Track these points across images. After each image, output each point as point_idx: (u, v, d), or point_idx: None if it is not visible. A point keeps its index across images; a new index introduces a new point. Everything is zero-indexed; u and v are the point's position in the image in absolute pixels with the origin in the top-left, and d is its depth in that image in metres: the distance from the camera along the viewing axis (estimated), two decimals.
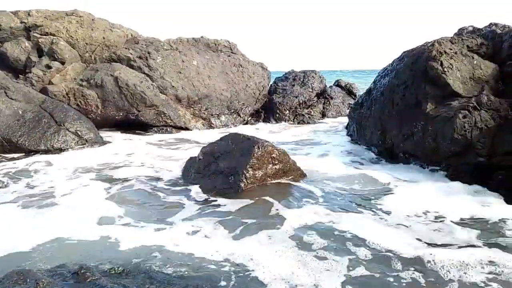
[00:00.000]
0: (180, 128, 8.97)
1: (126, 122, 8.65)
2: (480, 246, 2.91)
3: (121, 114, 8.44)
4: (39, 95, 7.29)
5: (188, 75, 9.41)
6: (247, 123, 10.29)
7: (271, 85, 11.55)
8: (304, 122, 10.31)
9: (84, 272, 2.13)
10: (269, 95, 11.11)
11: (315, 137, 7.93)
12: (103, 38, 9.03)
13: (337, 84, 12.40)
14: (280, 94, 10.90)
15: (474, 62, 4.99)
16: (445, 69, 4.85)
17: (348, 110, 9.30)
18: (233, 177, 4.28)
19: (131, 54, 9.00)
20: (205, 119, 9.55)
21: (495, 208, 3.66)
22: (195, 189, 4.38)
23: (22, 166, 5.55)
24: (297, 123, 10.32)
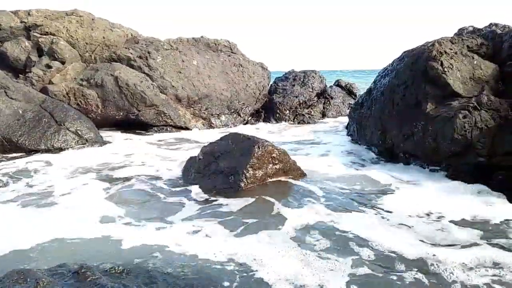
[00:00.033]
0: (180, 128, 8.98)
1: (126, 122, 8.66)
2: (483, 247, 2.90)
3: (121, 114, 8.45)
4: (39, 95, 7.29)
5: (188, 75, 9.41)
6: (247, 123, 10.29)
7: (271, 85, 11.55)
8: (304, 122, 10.32)
9: (84, 272, 2.13)
10: (269, 95, 11.12)
11: (315, 137, 7.93)
12: (103, 38, 9.03)
13: (337, 84, 12.40)
14: (280, 94, 10.90)
15: (474, 62, 4.99)
16: (445, 69, 4.85)
17: (348, 110, 9.31)
18: (233, 177, 4.28)
19: (131, 53, 9.00)
20: (205, 119, 9.55)
21: (496, 208, 3.65)
22: (195, 188, 4.38)
23: (22, 165, 5.55)
24: (297, 123, 10.32)
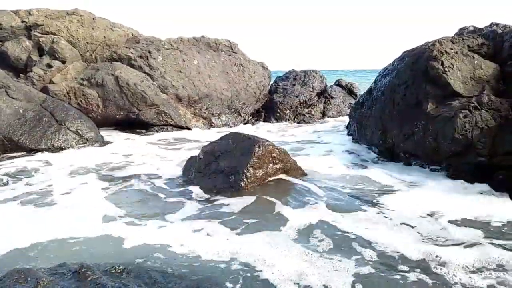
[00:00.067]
0: (180, 127, 8.98)
1: (126, 121, 8.66)
2: (485, 247, 2.89)
3: (121, 113, 8.45)
4: (40, 94, 7.30)
5: (189, 75, 9.41)
6: (247, 122, 10.29)
7: (271, 84, 11.55)
8: (304, 121, 10.32)
9: (85, 271, 2.13)
10: (269, 94, 11.12)
11: (316, 137, 7.92)
12: (104, 37, 9.04)
13: (338, 83, 12.40)
14: (281, 93, 10.90)
15: (475, 62, 4.99)
16: (446, 69, 4.85)
17: (348, 110, 9.30)
18: (233, 176, 4.28)
19: (131, 53, 9.00)
20: (205, 118, 9.55)
21: (497, 208, 3.65)
22: (195, 188, 4.38)
23: (22, 165, 5.56)
24: (298, 122, 10.32)
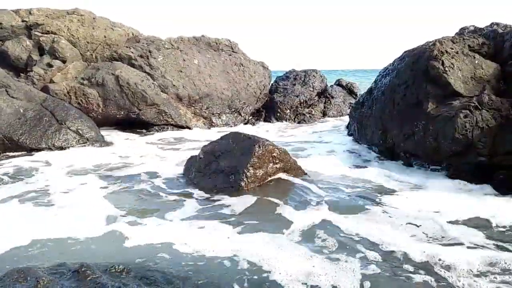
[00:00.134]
0: (181, 127, 8.98)
1: (127, 121, 8.66)
2: (488, 248, 2.88)
3: (122, 113, 8.45)
4: (40, 94, 7.30)
5: (189, 74, 9.41)
6: (248, 122, 10.29)
7: (272, 84, 11.55)
8: (305, 121, 10.31)
9: (84, 270, 2.13)
10: (270, 94, 11.12)
11: (316, 137, 7.92)
12: (104, 37, 9.04)
13: (338, 83, 12.39)
14: (281, 93, 10.89)
15: (476, 62, 4.98)
16: (446, 68, 4.84)
17: (349, 110, 9.30)
18: (233, 176, 4.28)
19: (132, 53, 9.00)
20: (206, 118, 9.55)
21: (498, 209, 3.64)
22: (196, 188, 4.39)
23: (23, 164, 5.56)
24: (298, 122, 10.32)
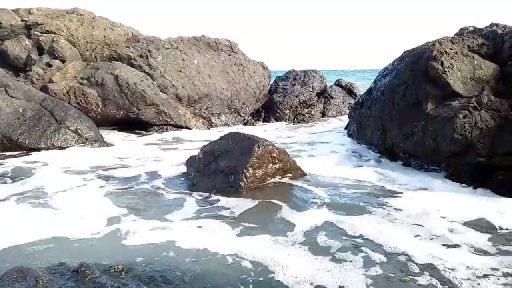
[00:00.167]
0: (180, 127, 8.98)
1: (126, 121, 8.65)
2: (492, 251, 2.88)
3: (121, 113, 8.44)
4: (40, 93, 7.29)
5: (189, 74, 9.41)
6: (247, 122, 10.29)
7: (271, 84, 11.55)
8: (304, 121, 10.32)
9: (84, 270, 2.13)
10: (269, 94, 11.12)
11: (315, 137, 7.93)
12: (104, 37, 9.03)
13: (338, 83, 12.41)
14: (281, 93, 10.90)
15: (475, 62, 4.99)
16: (446, 69, 4.85)
17: (348, 110, 9.30)
18: (233, 176, 4.28)
19: (131, 52, 9.00)
20: (205, 118, 9.55)
21: (498, 209, 3.64)
22: (195, 188, 4.38)
23: (22, 164, 5.55)
24: (298, 122, 10.32)
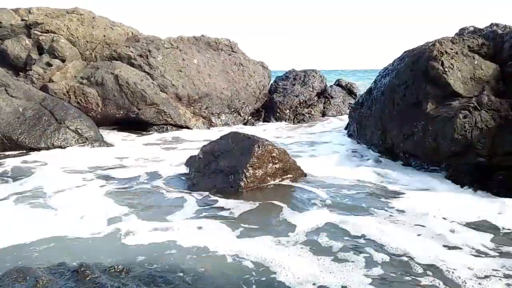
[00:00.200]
0: (180, 126, 8.97)
1: (126, 121, 8.65)
2: (493, 252, 2.87)
3: (121, 113, 8.44)
4: (40, 93, 7.29)
5: (189, 74, 9.41)
6: (247, 122, 10.29)
7: (271, 84, 11.56)
8: (304, 121, 10.32)
9: (84, 270, 2.13)
10: (269, 94, 11.12)
11: (315, 137, 7.93)
12: (104, 36, 9.03)
13: (338, 83, 12.41)
14: (281, 93, 10.90)
15: (475, 62, 4.98)
16: (446, 69, 4.85)
17: (348, 110, 9.30)
18: (233, 176, 4.28)
19: (131, 52, 9.00)
20: (205, 118, 9.55)
21: (498, 210, 3.64)
22: (195, 188, 4.38)
23: (22, 163, 5.55)
24: (298, 122, 10.32)
